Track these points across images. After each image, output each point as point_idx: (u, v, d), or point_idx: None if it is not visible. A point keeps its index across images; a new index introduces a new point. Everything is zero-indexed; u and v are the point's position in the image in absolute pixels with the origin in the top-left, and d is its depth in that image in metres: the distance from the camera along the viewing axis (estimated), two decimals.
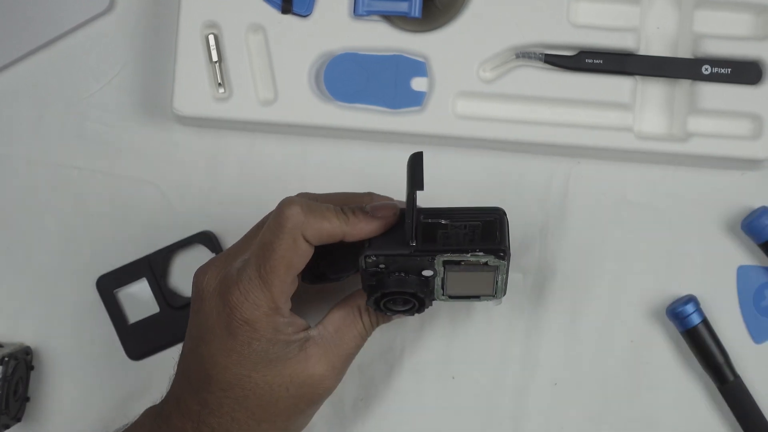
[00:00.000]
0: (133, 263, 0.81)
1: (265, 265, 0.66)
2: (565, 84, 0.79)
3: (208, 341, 0.68)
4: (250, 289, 0.67)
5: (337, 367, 0.70)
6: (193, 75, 0.79)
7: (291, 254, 0.67)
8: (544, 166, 0.81)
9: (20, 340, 0.81)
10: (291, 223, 0.66)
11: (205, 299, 0.68)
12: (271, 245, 0.67)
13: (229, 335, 0.67)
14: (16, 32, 0.81)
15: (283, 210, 0.67)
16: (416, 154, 0.65)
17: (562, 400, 0.81)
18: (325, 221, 0.67)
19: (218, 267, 0.69)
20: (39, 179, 0.81)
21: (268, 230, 0.67)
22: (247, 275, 0.67)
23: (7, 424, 0.78)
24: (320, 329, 0.70)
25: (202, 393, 0.68)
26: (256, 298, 0.67)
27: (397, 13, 0.79)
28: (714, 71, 0.79)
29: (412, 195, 0.65)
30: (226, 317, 0.67)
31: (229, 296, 0.67)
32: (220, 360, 0.67)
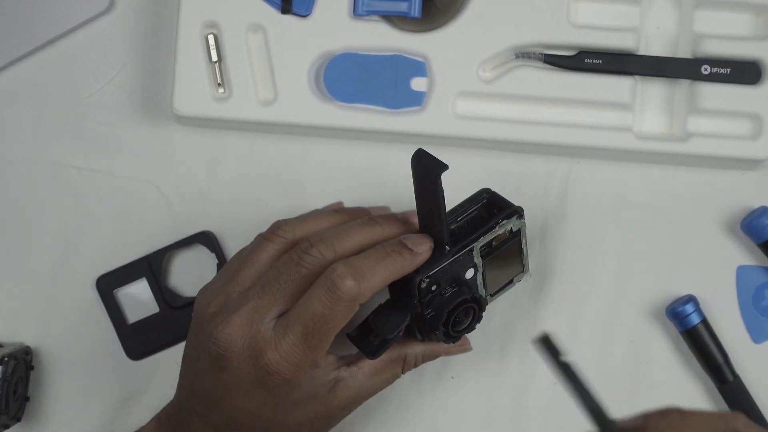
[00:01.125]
0: (132, 263, 0.81)
1: (316, 335, 0.65)
2: (564, 84, 0.79)
3: (239, 396, 0.67)
4: (293, 353, 0.65)
5: (359, 403, 0.70)
6: (192, 75, 0.79)
7: (343, 323, 0.66)
8: (543, 166, 0.81)
9: (20, 340, 0.81)
10: (348, 297, 0.65)
11: (231, 359, 0.66)
12: (324, 318, 0.65)
13: (265, 390, 0.66)
14: (16, 32, 0.81)
15: (336, 284, 0.65)
16: (419, 150, 0.65)
17: (562, 400, 0.80)
18: (376, 278, 0.66)
19: (243, 326, 0.66)
20: (39, 179, 0.81)
21: (320, 301, 0.65)
22: (290, 341, 0.65)
23: (7, 424, 0.78)
24: (354, 371, 0.69)
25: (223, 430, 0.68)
26: (299, 362, 0.66)
27: (396, 13, 0.79)
28: (714, 71, 0.79)
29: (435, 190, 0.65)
30: (263, 377, 0.66)
31: (266, 359, 0.65)
32: (253, 410, 0.67)
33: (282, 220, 0.71)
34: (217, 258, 0.80)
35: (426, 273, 0.68)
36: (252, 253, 0.70)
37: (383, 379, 0.71)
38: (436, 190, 0.65)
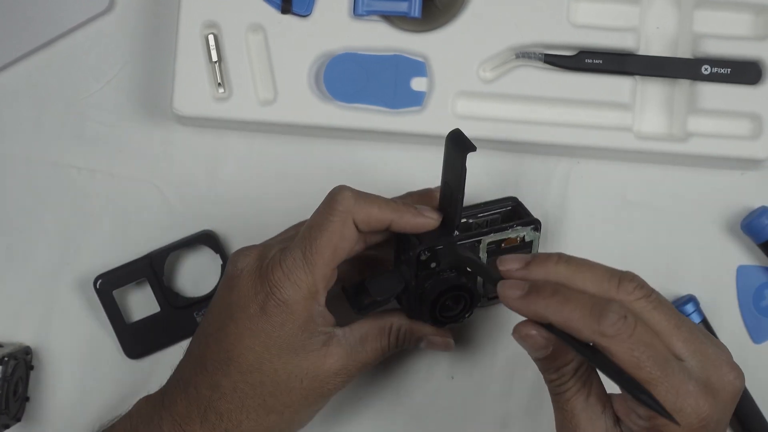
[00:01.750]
0: (133, 262, 0.81)
1: (312, 246, 0.67)
2: (564, 84, 0.79)
3: (238, 319, 0.68)
4: (294, 268, 0.67)
5: (351, 372, 0.70)
6: (192, 75, 0.79)
7: (338, 237, 0.67)
8: (543, 166, 0.81)
9: (20, 340, 0.81)
10: (342, 206, 0.68)
11: (241, 277, 0.69)
12: (320, 226, 0.67)
13: (263, 314, 0.67)
14: (15, 32, 0.81)
15: (334, 194, 0.68)
16: (455, 129, 0.66)
17: None
18: (375, 207, 0.68)
19: (258, 250, 0.69)
20: (38, 179, 0.81)
21: (318, 213, 0.68)
22: (291, 255, 0.67)
23: (7, 424, 0.78)
24: (346, 331, 0.70)
25: (217, 375, 0.68)
26: (298, 279, 0.67)
27: (396, 13, 0.79)
28: (714, 71, 0.79)
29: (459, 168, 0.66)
30: (264, 296, 0.67)
31: (271, 275, 0.67)
32: (247, 340, 0.68)
33: None
34: (221, 258, 0.80)
35: (427, 245, 0.69)
36: None
37: (372, 348, 0.71)
38: (460, 168, 0.66)
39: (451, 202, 0.69)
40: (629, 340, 0.58)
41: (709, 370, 0.61)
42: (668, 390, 0.59)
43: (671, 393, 0.59)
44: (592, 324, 0.59)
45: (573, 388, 0.63)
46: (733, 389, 0.62)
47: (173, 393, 0.70)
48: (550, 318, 0.60)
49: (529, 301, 0.61)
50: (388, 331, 0.72)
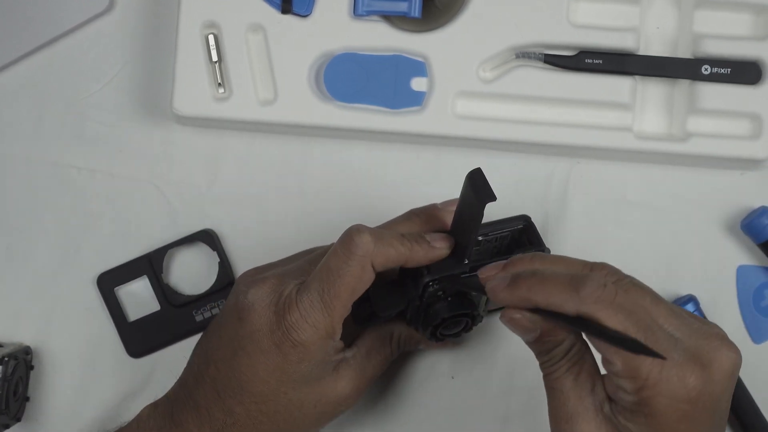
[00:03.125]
0: (133, 261, 0.81)
1: (330, 291, 0.67)
2: (564, 84, 0.79)
3: (251, 352, 0.68)
4: (311, 311, 0.67)
5: (361, 389, 0.71)
6: (192, 75, 0.79)
7: (357, 281, 0.67)
8: (543, 166, 0.81)
9: (20, 340, 0.81)
10: (361, 251, 0.67)
11: (255, 311, 0.68)
12: (339, 271, 0.67)
13: (279, 351, 0.67)
14: (15, 32, 0.81)
15: (352, 237, 0.67)
16: (476, 170, 0.65)
17: None
18: (392, 249, 0.67)
19: (271, 283, 0.68)
20: (39, 179, 0.81)
21: (335, 256, 0.67)
22: (308, 297, 0.67)
23: (7, 424, 0.78)
24: (354, 351, 0.71)
25: (230, 401, 0.68)
26: (316, 321, 0.67)
27: (396, 13, 0.79)
28: (714, 71, 0.79)
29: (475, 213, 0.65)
30: (281, 336, 0.67)
31: (288, 316, 0.67)
32: (261, 373, 0.67)
33: None
34: (218, 256, 0.80)
35: (436, 275, 0.69)
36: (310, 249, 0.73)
37: (378, 360, 0.72)
38: (477, 214, 0.65)
39: (464, 235, 0.68)
40: (611, 306, 0.58)
41: (698, 342, 0.59)
42: (653, 361, 0.58)
43: (656, 361, 0.58)
44: (573, 296, 0.59)
45: (563, 368, 0.63)
46: (729, 363, 0.60)
47: (183, 411, 0.69)
48: (533, 299, 0.61)
49: (512, 288, 0.62)
50: (389, 339, 0.73)
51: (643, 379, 0.58)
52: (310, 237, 0.80)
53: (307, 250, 0.73)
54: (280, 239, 0.81)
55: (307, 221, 0.81)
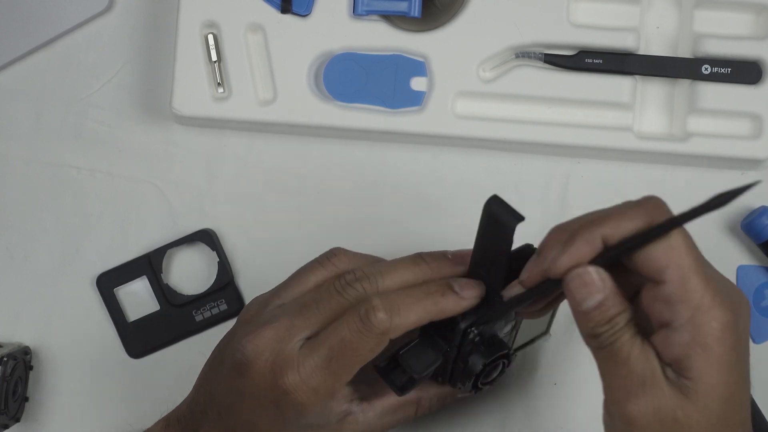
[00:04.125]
0: (133, 261, 0.81)
1: (340, 361, 0.64)
2: (564, 84, 0.79)
3: (251, 408, 0.66)
4: (313, 377, 0.64)
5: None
6: (192, 75, 0.79)
7: (370, 355, 0.65)
8: (543, 166, 0.81)
9: (19, 340, 0.81)
10: (379, 329, 0.64)
11: (253, 368, 0.65)
12: (352, 345, 0.64)
13: (276, 410, 0.65)
14: (15, 32, 0.81)
15: (368, 315, 0.64)
16: (494, 197, 0.63)
17: (562, 400, 0.81)
18: (411, 315, 0.64)
19: (273, 341, 0.65)
20: (38, 179, 0.81)
21: (349, 328, 0.64)
22: (313, 363, 0.64)
23: (6, 424, 0.78)
24: (365, 408, 0.68)
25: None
26: (317, 387, 0.64)
27: (396, 12, 0.79)
28: (714, 71, 0.79)
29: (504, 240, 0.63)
30: (278, 396, 0.65)
31: (285, 378, 0.64)
32: (262, 426, 0.66)
33: (341, 249, 0.70)
34: (218, 256, 0.80)
35: (472, 320, 0.65)
36: (302, 273, 0.69)
37: (394, 420, 0.69)
38: (506, 242, 0.63)
39: (491, 271, 0.65)
40: None
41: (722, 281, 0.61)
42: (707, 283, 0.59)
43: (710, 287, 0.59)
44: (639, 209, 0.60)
45: (627, 334, 0.60)
46: (746, 303, 0.61)
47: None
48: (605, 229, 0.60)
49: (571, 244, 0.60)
50: (416, 404, 0.70)
51: (698, 299, 0.58)
52: (310, 237, 0.81)
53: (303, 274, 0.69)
54: (280, 239, 0.81)
55: (307, 221, 0.81)
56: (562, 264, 0.60)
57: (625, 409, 0.59)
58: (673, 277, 0.59)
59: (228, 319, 0.81)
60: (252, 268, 0.81)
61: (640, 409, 0.59)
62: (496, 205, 0.62)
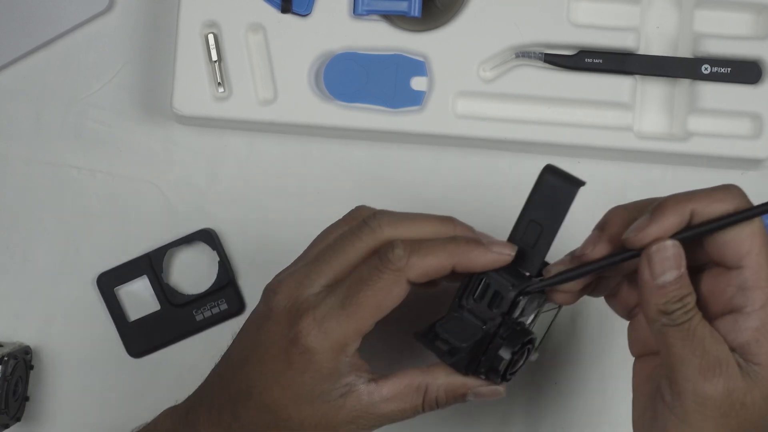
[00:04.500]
0: (133, 260, 0.81)
1: (353, 299, 0.63)
2: (565, 83, 0.79)
3: (261, 359, 0.66)
4: (328, 317, 0.63)
5: (365, 426, 0.66)
6: (192, 74, 0.79)
7: (385, 295, 0.63)
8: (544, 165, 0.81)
9: (20, 340, 0.81)
10: (395, 265, 0.63)
11: (270, 318, 0.65)
12: (368, 281, 0.63)
13: (285, 358, 0.64)
14: (15, 32, 0.81)
15: (386, 251, 0.63)
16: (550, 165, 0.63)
17: (562, 399, 0.81)
18: (431, 257, 0.63)
19: (291, 288, 0.65)
20: (38, 179, 0.81)
21: (367, 267, 0.64)
22: (328, 303, 0.64)
23: (7, 424, 0.78)
24: (371, 389, 0.66)
25: (238, 405, 0.67)
26: (329, 329, 0.64)
27: (396, 12, 0.79)
28: (714, 71, 0.79)
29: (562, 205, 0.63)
30: (288, 342, 0.64)
31: (299, 321, 0.64)
32: (265, 380, 0.65)
33: (364, 205, 0.69)
34: (218, 255, 0.80)
35: (521, 288, 0.63)
36: (326, 231, 0.69)
37: (400, 408, 0.66)
38: (564, 209, 0.63)
39: (539, 240, 0.64)
40: None
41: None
42: None
43: None
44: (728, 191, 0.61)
45: (697, 315, 0.61)
46: None
47: (197, 410, 0.68)
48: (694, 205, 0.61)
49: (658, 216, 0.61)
50: (423, 393, 0.66)
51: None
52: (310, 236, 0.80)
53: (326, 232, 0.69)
54: (280, 238, 0.81)
55: (307, 220, 0.81)
56: (649, 233, 0.61)
57: (702, 389, 0.60)
58: (753, 263, 0.60)
59: (228, 318, 0.81)
60: (252, 267, 0.81)
61: (716, 389, 0.60)
62: (554, 172, 0.63)
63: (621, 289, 0.67)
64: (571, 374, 0.80)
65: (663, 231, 0.61)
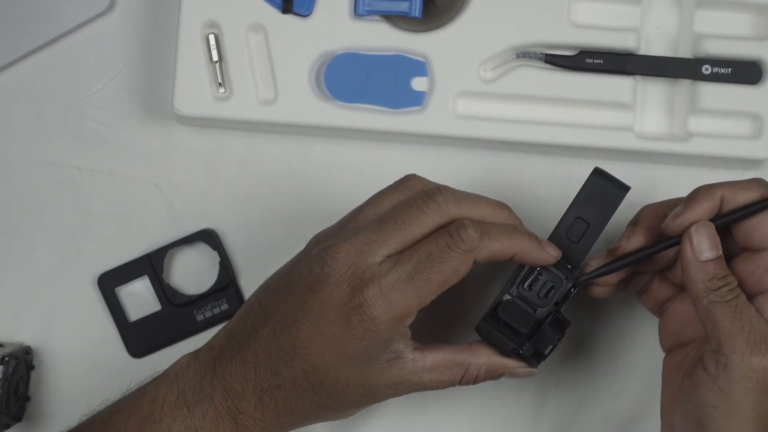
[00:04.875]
0: (134, 261, 0.81)
1: (422, 274, 0.65)
2: (565, 84, 0.79)
3: (315, 322, 0.66)
4: (393, 290, 0.65)
5: (404, 390, 0.69)
6: (193, 75, 0.79)
7: (452, 273, 0.66)
8: (544, 166, 0.81)
9: (20, 340, 0.81)
10: (466, 246, 0.66)
11: (328, 283, 0.66)
12: (438, 258, 0.65)
13: (345, 326, 0.66)
14: (16, 32, 0.81)
15: (458, 230, 0.66)
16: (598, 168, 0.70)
17: (563, 400, 0.81)
18: (498, 242, 0.67)
19: (351, 255, 0.66)
20: (39, 179, 0.81)
21: (437, 243, 0.66)
22: (394, 275, 0.65)
23: (8, 424, 0.78)
24: (417, 357, 0.68)
25: (280, 363, 0.67)
26: (395, 300, 0.65)
27: (397, 12, 0.79)
28: (714, 71, 0.79)
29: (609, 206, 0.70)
30: (351, 308, 0.65)
31: (364, 289, 0.65)
32: (318, 343, 0.66)
33: (415, 174, 0.71)
34: (219, 256, 0.80)
35: (576, 280, 0.69)
36: (376, 198, 0.70)
37: (438, 379, 0.69)
38: (612, 210, 0.69)
39: (583, 238, 0.70)
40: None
41: None
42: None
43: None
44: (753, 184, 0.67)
45: (743, 294, 0.66)
46: None
47: (228, 366, 0.68)
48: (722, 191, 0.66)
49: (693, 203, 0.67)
50: (464, 370, 0.69)
51: None
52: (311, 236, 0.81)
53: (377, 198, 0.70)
54: (281, 238, 0.81)
55: (308, 221, 0.81)
56: (686, 218, 0.66)
57: (750, 361, 0.64)
58: None
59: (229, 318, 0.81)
60: (253, 267, 0.81)
61: (762, 363, 0.64)
62: (603, 175, 0.69)
63: (652, 285, 0.72)
64: (572, 374, 0.80)
65: (698, 215, 0.66)
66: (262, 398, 0.68)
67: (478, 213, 0.68)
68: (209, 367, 0.69)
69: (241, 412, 0.68)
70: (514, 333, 0.69)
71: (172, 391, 0.69)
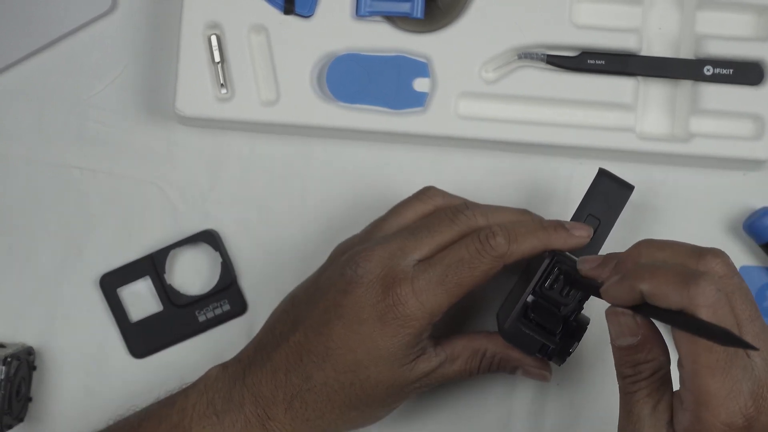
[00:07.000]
0: (136, 261, 0.81)
1: (455, 277, 0.68)
2: (567, 85, 0.79)
3: (348, 322, 0.68)
4: (426, 290, 0.68)
5: (429, 384, 0.71)
6: (195, 75, 0.79)
7: (482, 276, 0.68)
8: (546, 166, 0.81)
9: (22, 341, 0.81)
10: (497, 252, 0.68)
11: (361, 284, 0.68)
12: (469, 263, 0.68)
13: (378, 323, 0.68)
14: (18, 33, 0.81)
15: (488, 237, 0.68)
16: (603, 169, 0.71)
17: (563, 400, 0.81)
18: (526, 243, 0.69)
19: (384, 258, 0.69)
20: (41, 179, 0.81)
21: (468, 248, 0.68)
22: (427, 277, 0.68)
23: (10, 425, 0.78)
24: (438, 351, 0.71)
25: (311, 367, 0.68)
26: (427, 300, 0.68)
27: (399, 13, 0.79)
28: (716, 72, 0.79)
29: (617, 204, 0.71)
30: (384, 307, 0.68)
31: (397, 289, 0.68)
32: (351, 342, 0.68)
33: (434, 186, 0.74)
34: (220, 256, 0.80)
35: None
36: (400, 207, 0.74)
37: (461, 369, 0.72)
38: (620, 207, 0.70)
39: (596, 233, 0.71)
40: (714, 317, 0.57)
41: None
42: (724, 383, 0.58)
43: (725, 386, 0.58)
44: (682, 290, 0.58)
45: (644, 390, 0.62)
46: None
47: (258, 374, 0.70)
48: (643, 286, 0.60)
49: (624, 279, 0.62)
50: (481, 356, 0.72)
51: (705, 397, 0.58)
52: (313, 237, 0.81)
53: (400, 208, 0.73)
54: (283, 239, 0.81)
55: (309, 222, 0.81)
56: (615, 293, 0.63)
57: None
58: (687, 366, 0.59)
59: (231, 319, 0.81)
60: (255, 268, 0.81)
61: None
62: (608, 175, 0.71)
63: None
64: (574, 375, 0.80)
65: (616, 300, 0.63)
66: (293, 403, 0.69)
67: (503, 220, 0.71)
68: (238, 377, 0.70)
69: (271, 418, 0.69)
70: (548, 333, 0.70)
71: (202, 401, 0.70)
